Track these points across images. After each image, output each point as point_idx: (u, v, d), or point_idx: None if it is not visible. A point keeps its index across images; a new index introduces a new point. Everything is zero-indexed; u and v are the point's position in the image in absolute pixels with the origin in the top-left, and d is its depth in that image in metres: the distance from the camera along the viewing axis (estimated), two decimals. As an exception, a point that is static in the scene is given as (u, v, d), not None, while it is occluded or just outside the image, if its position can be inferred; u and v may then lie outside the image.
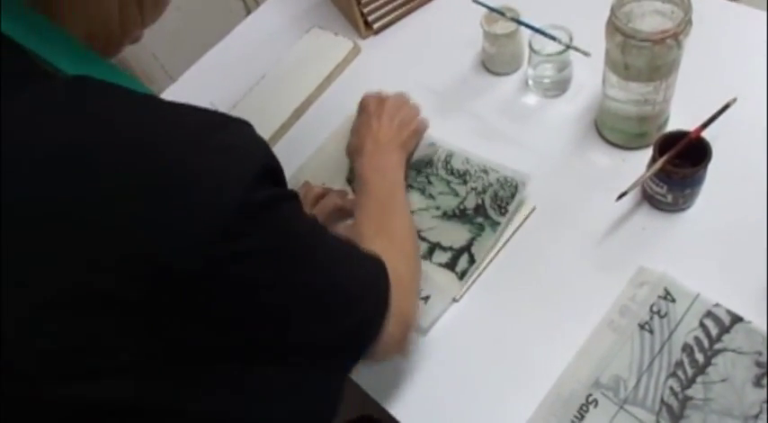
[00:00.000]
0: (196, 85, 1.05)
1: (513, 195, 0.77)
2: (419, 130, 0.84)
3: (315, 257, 0.50)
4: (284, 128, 0.94)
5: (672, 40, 0.65)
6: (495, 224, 0.76)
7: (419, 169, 0.84)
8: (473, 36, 0.90)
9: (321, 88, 0.97)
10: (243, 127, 0.46)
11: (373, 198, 0.72)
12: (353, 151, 0.81)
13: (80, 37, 0.46)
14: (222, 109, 0.97)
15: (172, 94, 1.06)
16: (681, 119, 0.77)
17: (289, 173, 0.90)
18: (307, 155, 0.91)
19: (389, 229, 0.68)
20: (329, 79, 0.97)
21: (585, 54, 0.78)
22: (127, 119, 0.41)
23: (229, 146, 0.43)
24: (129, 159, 0.39)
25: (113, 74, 0.46)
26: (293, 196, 0.50)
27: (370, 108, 0.83)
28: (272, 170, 0.46)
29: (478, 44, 0.91)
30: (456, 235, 0.77)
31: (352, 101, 0.93)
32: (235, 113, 0.94)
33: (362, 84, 0.95)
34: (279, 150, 0.93)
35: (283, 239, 0.46)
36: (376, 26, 1.00)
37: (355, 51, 0.99)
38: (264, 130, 0.93)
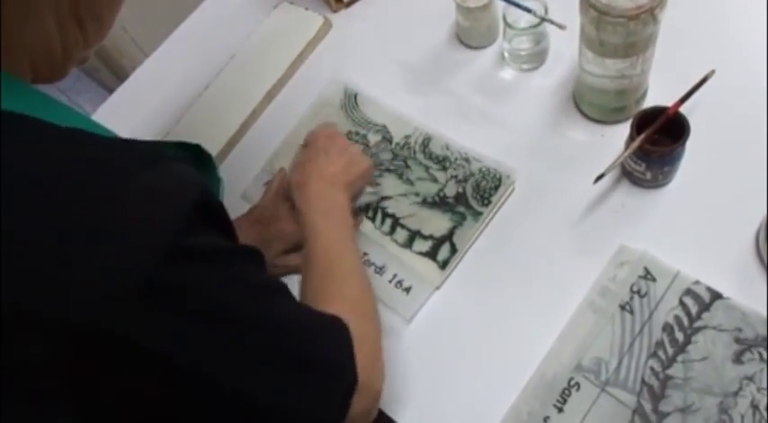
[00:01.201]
0: (165, 67, 1.02)
1: (496, 187, 0.76)
2: (367, 173, 0.77)
3: (257, 322, 0.45)
4: (257, 112, 0.92)
5: (647, 15, 0.63)
6: (477, 214, 0.75)
7: (395, 153, 0.82)
8: (446, 8, 0.87)
9: (293, 67, 0.94)
10: (169, 166, 0.42)
11: (322, 253, 0.65)
12: (296, 185, 0.74)
13: (23, 67, 0.44)
14: (195, 92, 0.95)
15: (143, 75, 1.03)
16: (660, 90, 0.76)
17: (263, 159, 0.88)
18: (281, 139, 0.89)
19: (343, 290, 0.62)
20: (301, 58, 0.94)
21: (561, 27, 0.76)
22: (37, 161, 0.38)
23: (153, 189, 0.40)
24: (39, 206, 0.36)
25: (45, 106, 0.43)
26: (239, 253, 0.47)
27: (319, 141, 0.77)
28: (208, 214, 0.43)
29: (452, 15, 0.88)
30: (436, 223, 0.76)
31: (324, 80, 0.91)
32: (207, 98, 0.94)
33: (335, 61, 0.93)
34: (252, 136, 0.91)
35: (215, 297, 0.42)
36: (347, -1, 0.97)
37: (326, 27, 0.96)
38: (237, 114, 0.91)
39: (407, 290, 0.73)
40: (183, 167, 0.43)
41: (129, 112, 0.99)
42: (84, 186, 0.38)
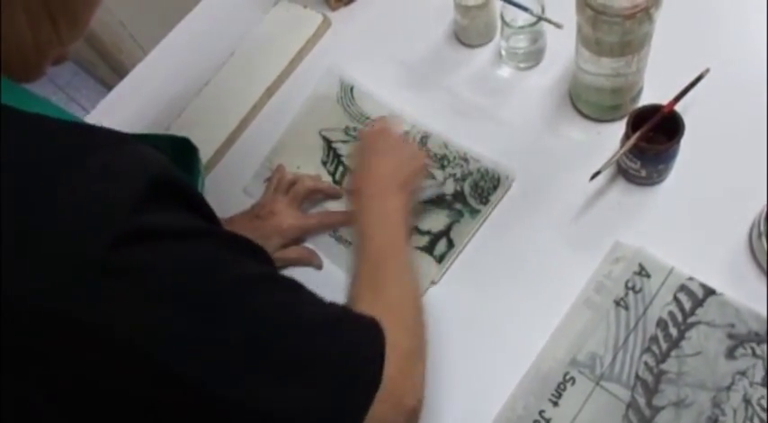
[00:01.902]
0: (165, 64, 1.03)
1: (495, 187, 0.77)
2: (421, 170, 0.74)
3: (233, 311, 0.41)
4: (256, 108, 0.92)
5: (643, 14, 0.64)
6: (474, 211, 0.76)
7: (393, 149, 0.83)
8: (445, 6, 0.88)
9: (292, 65, 0.94)
10: (133, 147, 0.41)
11: (371, 257, 0.62)
12: (352, 193, 0.71)
13: None
14: (194, 89, 0.95)
15: (142, 72, 1.03)
16: (655, 88, 0.77)
17: (262, 156, 0.89)
18: (280, 136, 0.89)
19: (384, 296, 0.58)
20: (300, 55, 0.95)
21: (558, 26, 0.77)
22: None
23: (107, 169, 0.38)
24: None
25: (6, 91, 0.42)
26: (210, 234, 0.43)
27: (368, 142, 0.75)
28: (171, 192, 0.41)
29: (450, 13, 0.89)
30: (434, 220, 0.77)
31: (321, 77, 0.92)
32: (207, 95, 0.95)
33: (333, 59, 0.93)
34: (251, 133, 0.92)
35: (176, 279, 0.39)
36: (345, -3, 0.97)
37: (326, 25, 0.96)
38: (236, 111, 0.92)
39: None
40: (143, 148, 0.41)
41: (128, 109, 0.99)
42: (36, 169, 0.37)
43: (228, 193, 0.87)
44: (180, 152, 0.60)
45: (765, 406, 0.62)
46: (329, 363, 0.45)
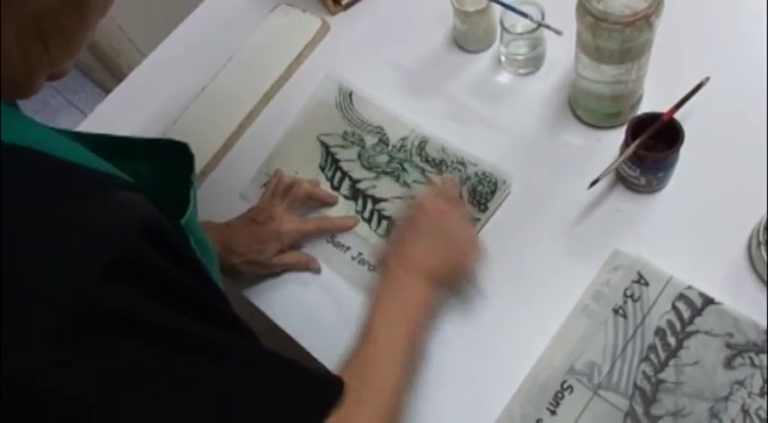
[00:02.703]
0: (163, 68, 1.02)
1: (492, 192, 0.76)
2: (466, 263, 0.67)
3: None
4: (254, 113, 0.92)
5: (643, 21, 0.63)
6: (473, 220, 0.76)
7: (392, 155, 0.83)
8: (444, 11, 0.88)
9: (290, 70, 0.94)
10: (109, 196, 0.39)
11: (360, 361, 0.57)
12: (379, 259, 0.66)
13: None
14: (192, 93, 0.95)
15: (140, 76, 1.03)
16: (654, 96, 0.77)
17: (259, 161, 0.88)
18: (278, 141, 0.89)
19: (370, 404, 0.52)
20: (298, 60, 0.94)
21: (557, 32, 0.76)
22: None
23: (59, 236, 0.36)
24: None
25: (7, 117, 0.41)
26: (171, 335, 0.39)
27: (424, 218, 0.67)
28: (135, 269, 0.38)
29: (449, 19, 0.89)
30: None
31: (320, 82, 0.91)
32: (204, 99, 0.94)
33: (332, 64, 0.93)
34: (249, 138, 0.92)
35: (133, 358, 0.37)
36: (345, 2, 0.97)
37: (324, 29, 0.96)
38: (234, 116, 0.91)
39: None
40: (120, 202, 0.40)
41: (126, 113, 0.99)
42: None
43: (225, 197, 0.87)
44: (176, 157, 0.59)
45: (763, 417, 0.62)
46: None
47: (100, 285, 0.36)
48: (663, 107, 0.70)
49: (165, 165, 0.58)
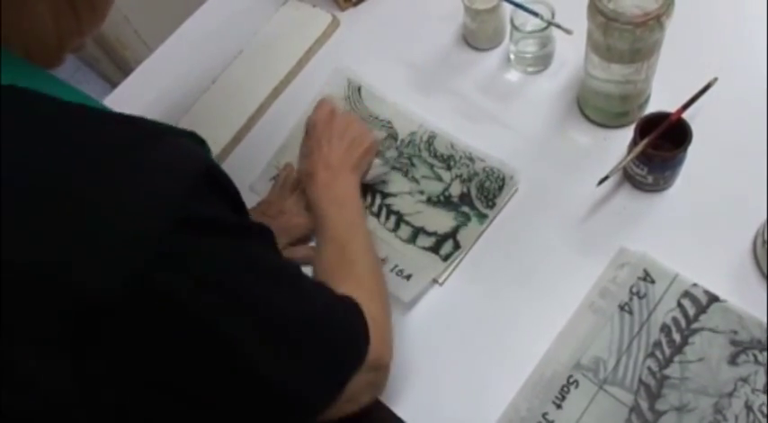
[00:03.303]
0: (172, 60, 1.03)
1: (500, 188, 0.77)
2: (372, 149, 0.79)
3: (262, 303, 0.47)
4: (263, 107, 0.92)
5: (654, 21, 0.64)
6: (481, 216, 0.76)
7: (401, 150, 0.83)
8: (454, 8, 0.88)
9: (300, 65, 0.95)
10: (174, 140, 0.43)
11: (333, 238, 0.70)
12: (305, 177, 0.77)
13: (17, 53, 0.43)
14: (201, 87, 0.95)
15: (148, 69, 1.03)
16: (662, 96, 0.77)
17: (269, 154, 0.89)
18: (287, 135, 0.90)
19: (354, 271, 0.66)
20: (308, 55, 0.95)
21: (567, 32, 0.77)
22: (38, 140, 0.39)
23: (155, 163, 0.41)
24: (39, 186, 0.37)
25: (51, 83, 0.44)
26: (247, 229, 0.48)
27: (317, 128, 0.79)
28: (215, 186, 0.44)
29: (459, 16, 0.90)
30: (441, 221, 0.77)
31: (329, 76, 0.92)
32: (214, 93, 0.95)
33: (342, 59, 0.93)
34: (258, 131, 0.92)
35: (222, 269, 0.43)
36: (354, -3, 0.97)
37: (334, 25, 0.97)
38: (244, 109, 0.92)
39: (408, 277, 0.74)
40: (186, 143, 0.44)
41: (133, 107, 0.99)
42: (88, 163, 0.39)
43: (235, 190, 0.87)
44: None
45: (767, 413, 0.63)
46: (328, 341, 0.53)
47: (196, 195, 0.42)
48: (670, 106, 0.71)
49: None
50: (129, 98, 1.01)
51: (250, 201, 0.83)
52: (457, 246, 0.75)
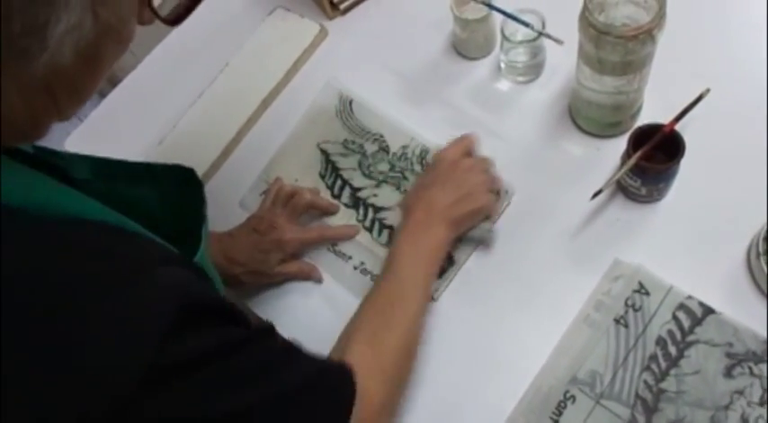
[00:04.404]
0: (159, 73, 1.01)
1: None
2: (482, 210, 0.72)
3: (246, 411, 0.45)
4: (252, 119, 0.91)
5: (646, 35, 0.64)
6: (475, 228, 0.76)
7: (393, 163, 0.83)
8: (444, 18, 0.87)
9: (288, 76, 0.93)
10: (157, 272, 0.42)
11: (387, 291, 0.66)
12: (404, 208, 0.72)
13: None
14: (188, 99, 0.94)
15: (135, 80, 1.02)
16: (655, 105, 0.77)
17: (259, 168, 0.88)
18: (277, 148, 0.89)
19: (385, 345, 0.61)
20: (296, 66, 0.94)
21: (558, 42, 0.76)
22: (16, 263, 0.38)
23: (130, 306, 0.39)
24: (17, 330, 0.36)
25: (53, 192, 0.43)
26: (233, 344, 0.45)
27: (441, 166, 0.73)
28: (195, 315, 0.42)
29: (449, 24, 0.89)
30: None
31: (319, 88, 0.91)
32: (201, 106, 0.93)
33: (330, 69, 0.93)
34: (248, 144, 0.91)
35: (205, 403, 0.42)
36: (343, 6, 0.96)
37: (322, 35, 0.96)
38: (232, 123, 0.91)
39: None
40: (169, 276, 0.43)
41: (121, 119, 0.98)
42: (67, 290, 0.38)
43: (224, 205, 0.87)
44: (184, 183, 0.59)
45: (763, 425, 0.63)
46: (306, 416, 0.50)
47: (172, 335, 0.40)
48: (663, 116, 0.70)
49: (172, 191, 0.58)
50: (117, 111, 1.00)
51: (239, 216, 0.82)
52: (451, 262, 0.75)
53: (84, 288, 0.39)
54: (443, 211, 0.70)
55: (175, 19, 0.51)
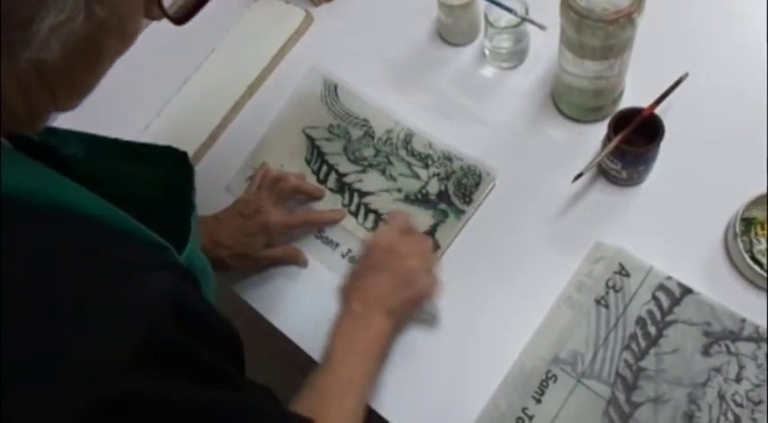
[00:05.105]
0: (144, 58, 1.01)
1: (477, 184, 0.78)
2: (423, 296, 0.70)
3: None
4: (238, 105, 0.92)
5: (626, 19, 0.65)
6: (459, 212, 0.77)
7: (378, 148, 0.83)
8: (428, 4, 0.88)
9: (274, 62, 0.94)
10: (137, 280, 0.40)
11: (322, 387, 0.61)
12: (341, 299, 0.69)
13: None
14: (174, 85, 0.94)
15: (120, 66, 1.01)
16: (636, 90, 0.78)
17: (245, 153, 0.88)
18: (263, 133, 0.89)
19: None
20: (282, 52, 0.94)
21: (541, 27, 0.77)
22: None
23: (106, 313, 0.38)
24: None
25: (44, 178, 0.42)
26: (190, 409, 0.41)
27: (374, 254, 0.69)
28: (164, 351, 0.40)
29: (434, 11, 0.89)
30: (419, 219, 0.77)
31: (305, 75, 0.91)
32: (187, 92, 0.93)
33: (316, 56, 0.93)
34: (233, 131, 0.92)
35: None
36: (328, -8, 0.97)
37: (308, 21, 0.96)
38: (218, 108, 0.91)
39: None
40: (150, 286, 0.41)
41: (107, 105, 0.97)
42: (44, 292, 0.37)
43: (211, 190, 0.87)
44: (176, 165, 0.59)
45: (739, 402, 0.64)
46: None
47: (126, 374, 0.37)
48: (643, 101, 0.72)
49: (163, 172, 0.58)
50: (101, 100, 0.97)
51: (225, 200, 0.83)
52: (436, 245, 0.76)
53: (64, 289, 0.38)
54: (380, 300, 0.66)
55: (183, 17, 0.51)
